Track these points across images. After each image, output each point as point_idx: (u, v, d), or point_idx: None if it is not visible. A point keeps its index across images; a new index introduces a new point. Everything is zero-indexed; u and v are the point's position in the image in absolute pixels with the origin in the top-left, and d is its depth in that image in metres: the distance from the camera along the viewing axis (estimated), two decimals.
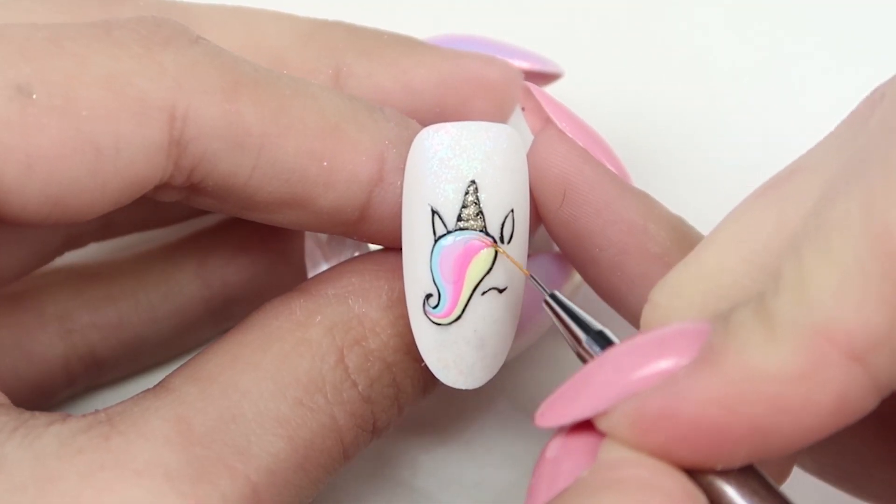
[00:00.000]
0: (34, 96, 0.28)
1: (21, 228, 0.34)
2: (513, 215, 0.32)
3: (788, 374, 0.24)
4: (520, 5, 0.47)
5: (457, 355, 0.32)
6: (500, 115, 0.38)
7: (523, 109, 0.35)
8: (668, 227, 0.33)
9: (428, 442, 0.41)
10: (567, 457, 0.27)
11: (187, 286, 0.40)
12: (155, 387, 0.30)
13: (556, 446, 0.27)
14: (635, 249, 0.32)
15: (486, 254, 0.32)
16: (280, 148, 0.30)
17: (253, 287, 0.41)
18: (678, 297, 0.28)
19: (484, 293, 0.32)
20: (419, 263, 0.32)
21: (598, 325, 0.29)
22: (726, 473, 0.26)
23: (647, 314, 0.28)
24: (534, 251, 0.37)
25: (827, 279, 0.24)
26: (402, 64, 0.37)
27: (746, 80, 0.45)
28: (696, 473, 0.26)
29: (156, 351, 0.41)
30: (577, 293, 0.38)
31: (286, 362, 0.31)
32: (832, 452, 0.32)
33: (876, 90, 0.28)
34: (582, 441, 0.27)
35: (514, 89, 0.38)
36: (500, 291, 0.32)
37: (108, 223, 0.39)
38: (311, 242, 0.39)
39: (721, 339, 0.25)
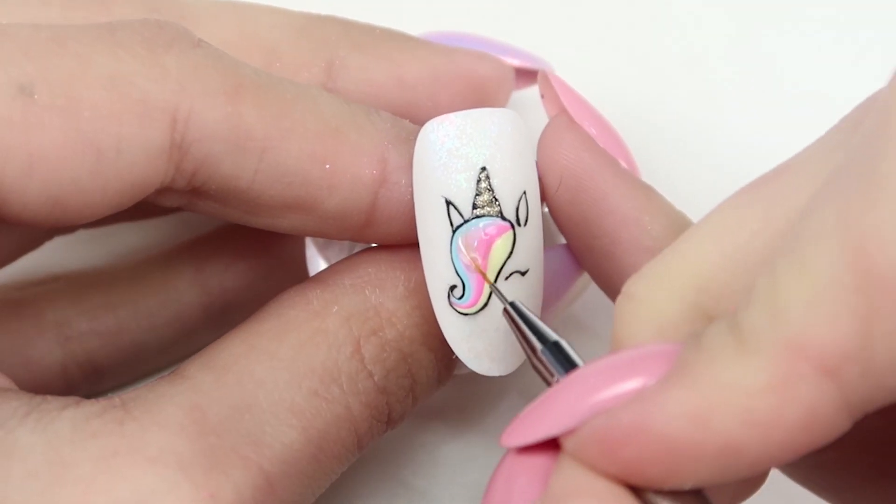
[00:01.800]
0: (36, 96, 0.28)
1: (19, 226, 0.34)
2: (525, 197, 0.32)
3: (759, 388, 0.23)
4: (514, 4, 0.47)
5: (487, 343, 0.32)
6: None
7: (542, 97, 0.35)
8: (665, 222, 0.32)
9: (428, 441, 0.41)
10: (520, 473, 0.27)
11: (186, 293, 0.40)
12: (170, 374, 0.30)
13: (510, 461, 0.27)
14: (627, 241, 0.32)
15: (506, 238, 0.32)
16: (282, 151, 0.30)
17: (252, 293, 0.40)
18: (655, 288, 0.27)
19: (507, 277, 0.32)
20: (439, 256, 0.32)
21: (554, 336, 0.29)
22: (675, 496, 0.25)
23: (621, 306, 0.28)
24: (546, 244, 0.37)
25: (799, 291, 0.23)
26: (394, 58, 0.37)
27: (745, 79, 0.45)
28: (644, 496, 0.25)
29: (155, 358, 0.41)
30: (588, 285, 0.37)
31: (302, 352, 0.31)
32: (818, 465, 0.32)
33: (869, 97, 0.28)
34: (537, 460, 0.27)
35: (506, 86, 0.39)
36: (523, 274, 0.32)
37: None
38: (311, 248, 0.39)
39: (693, 354, 0.25)
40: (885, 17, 0.46)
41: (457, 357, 0.32)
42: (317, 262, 0.38)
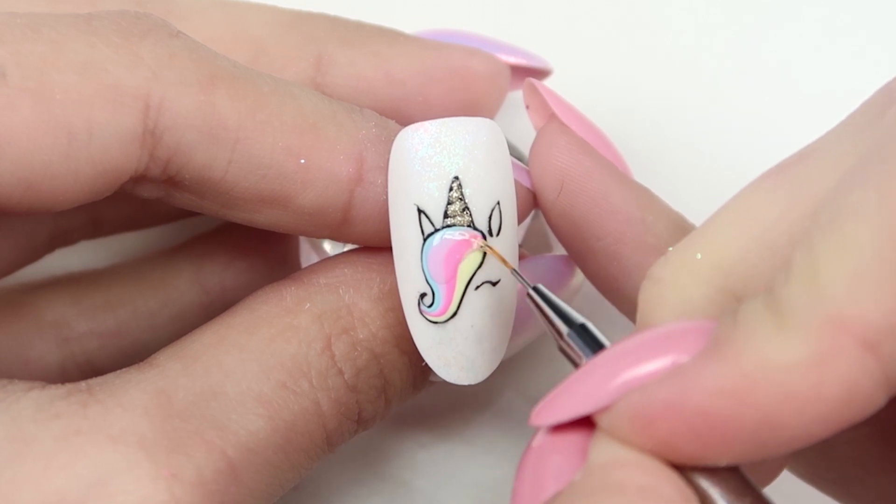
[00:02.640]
0: (7, 78, 0.28)
1: (5, 225, 0.35)
2: (499, 207, 0.32)
3: (799, 364, 0.24)
4: (512, 3, 0.47)
5: (456, 352, 0.32)
6: (485, 107, 0.38)
7: (528, 107, 0.36)
8: (666, 221, 0.33)
9: (428, 441, 0.41)
10: (553, 452, 0.27)
11: (186, 292, 0.40)
12: (140, 363, 0.31)
13: (542, 441, 0.27)
14: (632, 239, 0.33)
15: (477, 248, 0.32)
16: (256, 142, 0.30)
17: (251, 292, 0.40)
18: (682, 272, 0.27)
19: (478, 287, 0.32)
20: (410, 263, 0.32)
21: (580, 318, 0.29)
22: (712, 473, 0.25)
23: (647, 291, 0.28)
24: (534, 252, 0.37)
25: (840, 266, 0.23)
26: (383, 53, 0.37)
27: (743, 77, 0.45)
28: (682, 472, 0.25)
29: None
30: (577, 295, 0.37)
31: (272, 346, 0.31)
32: (827, 457, 0.32)
33: (890, 82, 0.28)
34: (569, 438, 0.27)
35: (501, 82, 0.39)
36: (494, 284, 0.33)
37: (97, 220, 0.39)
38: (306, 246, 0.39)
39: (729, 330, 0.25)
40: (885, 15, 0.45)
41: (426, 365, 0.33)
42: (312, 261, 0.39)
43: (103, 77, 0.29)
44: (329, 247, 0.39)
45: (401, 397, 0.34)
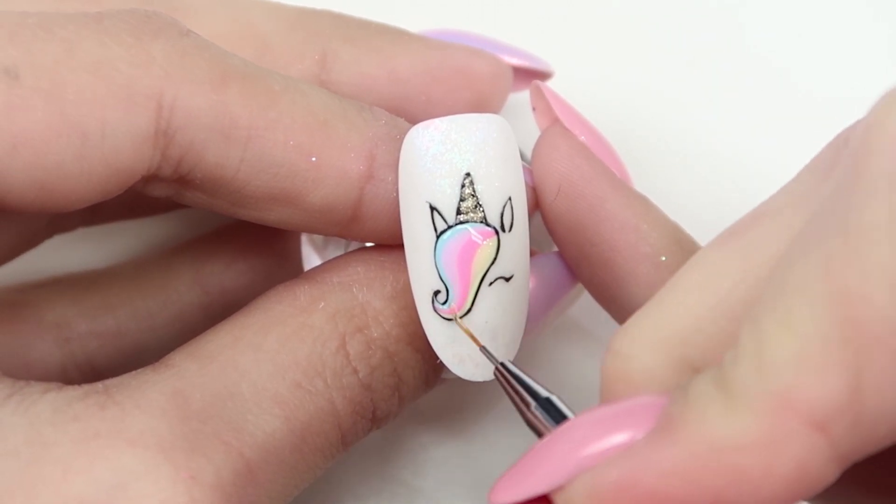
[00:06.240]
0: (20, 79, 0.28)
1: (6, 213, 0.34)
2: (511, 203, 0.32)
3: (748, 444, 0.23)
4: (513, 3, 0.47)
5: (471, 349, 0.32)
6: (488, 107, 0.38)
7: (534, 109, 0.36)
8: (661, 231, 0.33)
9: (428, 441, 0.41)
10: None
11: (186, 293, 0.40)
12: (155, 363, 0.30)
13: None
14: (625, 247, 0.33)
15: (490, 244, 0.32)
16: (268, 141, 0.30)
17: (251, 293, 0.40)
18: (640, 344, 0.27)
19: (491, 283, 0.32)
20: (423, 261, 0.32)
21: (545, 392, 0.29)
22: None
23: (608, 364, 0.28)
24: (538, 248, 0.37)
25: (786, 346, 0.23)
26: (387, 51, 0.37)
27: (743, 79, 0.45)
28: None
29: (154, 359, 0.40)
30: (582, 293, 0.37)
31: (287, 345, 0.31)
32: None
33: (839, 135, 0.28)
34: None
35: (503, 83, 0.39)
36: (507, 280, 0.33)
37: (97, 208, 0.39)
38: (307, 248, 0.39)
39: (679, 409, 0.25)
40: (886, 16, 0.45)
41: (440, 362, 0.33)
42: (313, 262, 0.39)
43: (116, 77, 0.29)
44: (332, 249, 0.39)
45: (414, 395, 0.34)
